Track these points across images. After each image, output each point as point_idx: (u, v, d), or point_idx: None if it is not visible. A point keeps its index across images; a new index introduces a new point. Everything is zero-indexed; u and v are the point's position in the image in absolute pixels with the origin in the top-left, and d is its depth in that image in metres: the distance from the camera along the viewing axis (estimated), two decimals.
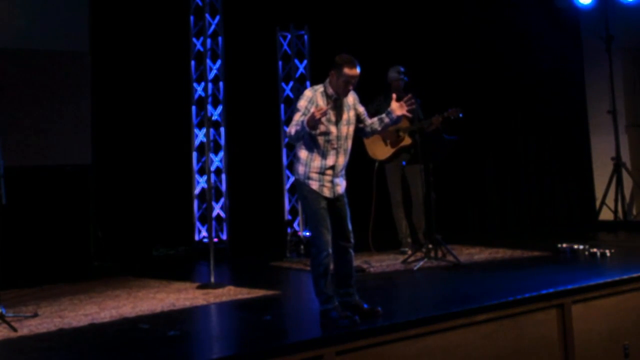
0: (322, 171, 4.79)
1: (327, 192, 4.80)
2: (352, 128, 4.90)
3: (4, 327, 5.01)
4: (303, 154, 4.83)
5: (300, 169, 4.84)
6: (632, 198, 9.48)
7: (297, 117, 4.73)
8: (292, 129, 4.75)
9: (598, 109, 9.74)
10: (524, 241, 8.33)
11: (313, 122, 4.57)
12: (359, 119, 4.97)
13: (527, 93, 9.92)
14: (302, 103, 4.78)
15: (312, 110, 4.63)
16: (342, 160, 4.85)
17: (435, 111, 7.32)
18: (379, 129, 5.05)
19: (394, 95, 5.12)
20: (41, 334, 4.94)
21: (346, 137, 4.86)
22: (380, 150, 7.72)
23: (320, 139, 4.77)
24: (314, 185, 4.79)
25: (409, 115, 5.07)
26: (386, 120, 5.00)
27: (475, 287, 5.89)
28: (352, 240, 4.92)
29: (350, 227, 4.90)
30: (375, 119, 5.03)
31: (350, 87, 4.81)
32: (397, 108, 4.96)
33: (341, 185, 4.89)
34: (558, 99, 9.98)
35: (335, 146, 4.81)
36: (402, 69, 7.73)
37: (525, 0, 9.71)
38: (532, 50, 9.87)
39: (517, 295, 5.23)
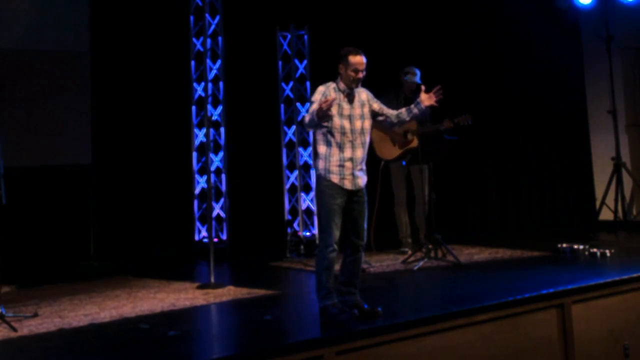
0: (342, 163, 4.86)
1: (348, 185, 4.87)
2: (367, 123, 4.98)
3: (4, 327, 5.01)
4: (322, 149, 4.92)
5: (321, 164, 4.91)
6: (632, 198, 9.47)
7: (312, 108, 4.83)
8: (306, 117, 4.87)
9: (598, 108, 9.74)
10: (524, 241, 8.32)
11: (321, 112, 4.67)
12: (375, 113, 5.05)
13: (527, 93, 9.91)
14: (315, 96, 4.91)
15: (326, 99, 4.71)
16: (360, 154, 4.92)
17: (434, 112, 7.29)
18: (407, 118, 5.16)
19: (423, 87, 5.19)
20: (41, 334, 4.94)
21: (361, 131, 4.93)
22: (387, 151, 7.68)
23: (336, 133, 4.86)
24: (335, 178, 4.85)
25: (436, 105, 5.14)
26: (415, 110, 5.10)
27: (475, 287, 5.89)
28: (365, 240, 4.97)
29: (365, 225, 4.96)
30: (403, 109, 5.15)
31: (360, 75, 4.90)
32: (426, 99, 5.08)
33: (362, 178, 4.96)
34: (558, 99, 9.97)
35: (351, 139, 4.88)
36: (416, 70, 7.67)
37: (525, 0, 9.70)
38: (532, 50, 9.86)
39: (517, 295, 5.24)
